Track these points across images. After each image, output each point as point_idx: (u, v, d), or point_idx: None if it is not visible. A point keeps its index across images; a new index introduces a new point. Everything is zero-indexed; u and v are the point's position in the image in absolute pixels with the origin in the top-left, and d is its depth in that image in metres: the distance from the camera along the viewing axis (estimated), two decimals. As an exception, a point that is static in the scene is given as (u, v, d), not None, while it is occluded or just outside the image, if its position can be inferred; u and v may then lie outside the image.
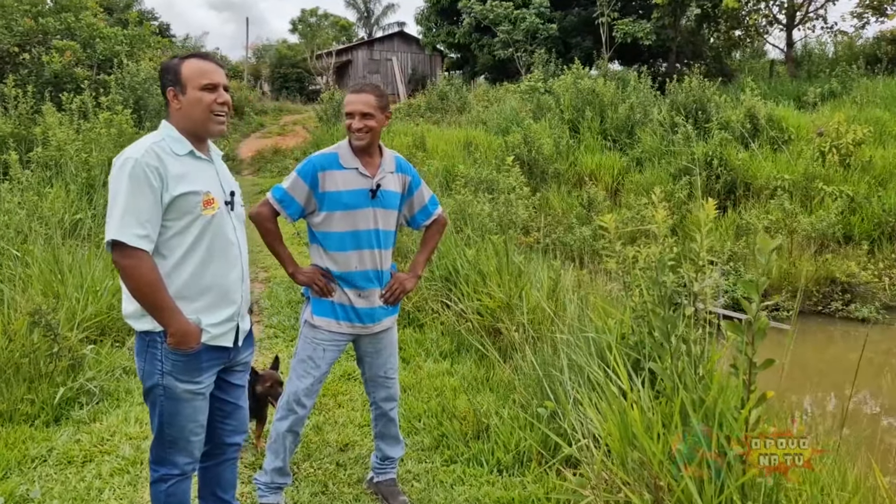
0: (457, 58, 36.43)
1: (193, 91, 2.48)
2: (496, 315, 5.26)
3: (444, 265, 6.05)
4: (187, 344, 2.43)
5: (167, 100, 2.54)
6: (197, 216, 2.44)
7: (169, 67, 2.54)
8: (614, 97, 16.37)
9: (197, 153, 2.53)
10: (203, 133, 2.55)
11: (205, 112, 2.49)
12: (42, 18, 18.01)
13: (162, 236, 2.41)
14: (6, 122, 13.26)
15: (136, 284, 2.35)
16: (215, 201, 2.50)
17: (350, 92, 3.07)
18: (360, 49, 40.32)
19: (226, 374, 2.70)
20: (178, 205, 2.40)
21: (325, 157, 3.06)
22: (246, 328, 2.71)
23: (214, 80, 2.51)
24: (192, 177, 2.46)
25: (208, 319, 2.50)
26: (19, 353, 4.31)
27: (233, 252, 2.57)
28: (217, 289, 2.51)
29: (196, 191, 2.44)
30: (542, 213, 10.92)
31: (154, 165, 2.35)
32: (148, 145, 2.40)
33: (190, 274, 2.45)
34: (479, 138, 15.30)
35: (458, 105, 22.08)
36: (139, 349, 2.51)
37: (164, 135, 2.50)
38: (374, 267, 3.09)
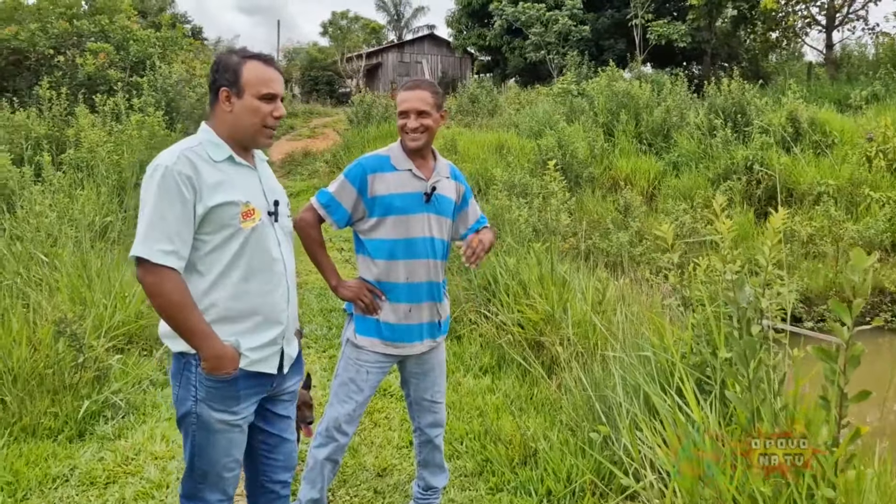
0: (487, 60, 36.23)
1: (251, 98, 2.25)
2: (539, 328, 4.99)
3: (482, 274, 5.79)
4: (222, 369, 2.19)
5: (215, 98, 2.29)
6: (236, 229, 2.20)
7: (228, 65, 2.27)
8: (650, 100, 16.02)
9: (237, 159, 2.29)
10: (249, 144, 2.33)
11: (258, 124, 2.27)
12: (77, 21, 18.11)
13: (198, 251, 2.20)
14: (40, 123, 13.27)
15: (162, 304, 2.13)
16: (256, 212, 2.26)
17: (404, 89, 2.82)
18: (391, 52, 40.30)
19: (270, 403, 2.45)
20: (214, 217, 2.17)
21: (375, 159, 2.83)
22: (293, 354, 2.46)
23: (276, 91, 2.29)
24: (230, 185, 2.22)
25: (248, 342, 2.26)
26: (43, 364, 4.14)
27: (277, 269, 2.32)
28: (258, 309, 2.27)
29: (233, 201, 2.20)
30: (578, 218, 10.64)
31: (186, 174, 2.13)
32: (181, 151, 2.18)
33: (229, 293, 2.22)
34: (511, 141, 15.03)
35: (490, 108, 21.82)
36: (174, 371, 2.29)
37: (201, 139, 2.27)
38: (426, 279, 2.83)
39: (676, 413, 3.00)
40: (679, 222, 10.21)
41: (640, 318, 4.88)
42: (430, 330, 2.91)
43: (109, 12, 19.15)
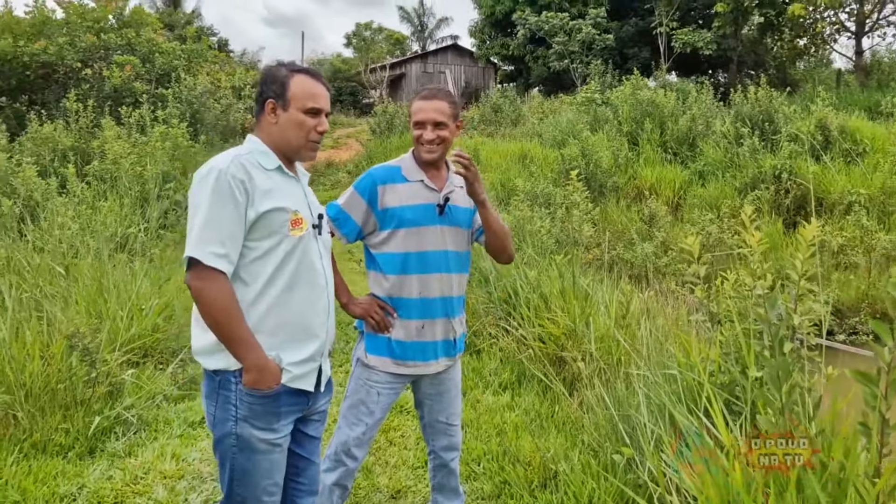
0: (511, 70, 36.16)
1: (297, 112, 2.25)
2: (560, 342, 4.85)
3: (503, 287, 5.66)
4: (266, 383, 2.13)
5: (261, 110, 2.29)
6: (284, 236, 2.19)
7: (275, 77, 2.27)
8: (675, 108, 15.81)
9: (285, 170, 2.28)
10: (293, 157, 2.32)
11: (303, 137, 2.27)
12: (104, 35, 18.32)
13: (244, 258, 2.16)
14: (67, 135, 13.41)
15: (210, 310, 2.07)
16: (304, 222, 2.25)
17: (419, 98, 2.71)
18: (414, 62, 40.37)
19: (302, 424, 2.37)
20: (265, 222, 2.15)
21: (385, 170, 2.73)
22: (328, 371, 2.41)
23: (321, 106, 2.29)
24: (281, 193, 2.21)
25: (290, 357, 2.20)
26: (56, 379, 4.08)
27: (319, 281, 2.29)
28: (301, 322, 2.23)
29: (284, 207, 2.19)
30: (602, 229, 10.48)
31: (240, 178, 2.11)
32: (234, 156, 2.17)
33: (272, 303, 2.18)
34: (534, 151, 14.90)
35: (513, 117, 21.71)
36: (208, 391, 2.20)
37: (250, 148, 2.26)
38: (440, 294, 2.71)
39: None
40: (705, 233, 10.02)
41: (665, 333, 4.73)
42: (445, 348, 2.78)
43: (136, 26, 19.37)
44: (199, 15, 41.80)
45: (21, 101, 16.04)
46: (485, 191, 2.72)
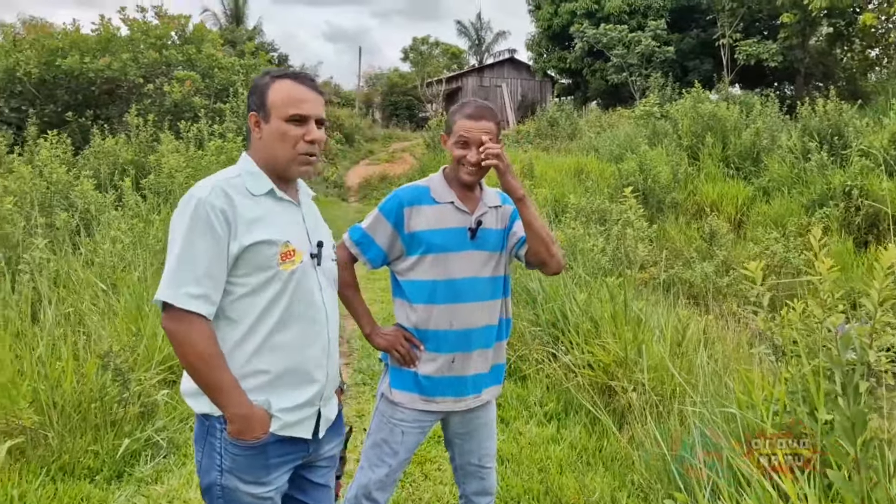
0: (568, 83, 35.85)
1: (278, 121, 2.00)
2: (610, 371, 4.57)
3: (550, 309, 5.40)
4: (250, 433, 1.92)
5: (248, 126, 2.09)
6: (273, 272, 1.96)
7: (256, 87, 2.05)
8: (738, 122, 15.28)
9: (278, 193, 2.04)
10: (283, 174, 2.06)
11: (288, 150, 2.01)
12: (166, 51, 18.74)
13: (230, 296, 1.95)
14: (128, 149, 13.67)
15: (186, 355, 1.88)
16: (296, 253, 2.00)
17: (465, 116, 2.45)
18: (470, 76, 40.36)
19: (306, 470, 2.16)
20: (250, 257, 1.93)
21: (413, 190, 2.53)
22: (331, 416, 2.16)
23: (305, 112, 2.01)
24: (269, 222, 1.98)
25: (280, 402, 1.98)
26: (88, 398, 4.00)
27: (317, 318, 2.05)
28: (295, 364, 2.00)
29: (272, 240, 1.95)
30: (658, 247, 10.10)
31: (220, 207, 1.89)
32: (216, 182, 1.96)
33: (260, 344, 1.96)
34: (590, 165, 14.58)
35: (569, 131, 21.40)
36: (197, 435, 2.02)
37: (241, 169, 2.04)
38: (472, 324, 2.48)
39: (766, 486, 2.56)
40: (769, 252, 9.55)
41: (724, 363, 4.40)
42: (478, 383, 2.56)
43: (197, 42, 19.78)
44: (261, 31, 42.65)
45: (86, 116, 16.48)
46: (521, 184, 2.45)
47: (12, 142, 13.94)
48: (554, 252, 2.51)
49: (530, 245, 2.50)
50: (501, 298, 2.59)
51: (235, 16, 42.35)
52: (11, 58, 16.95)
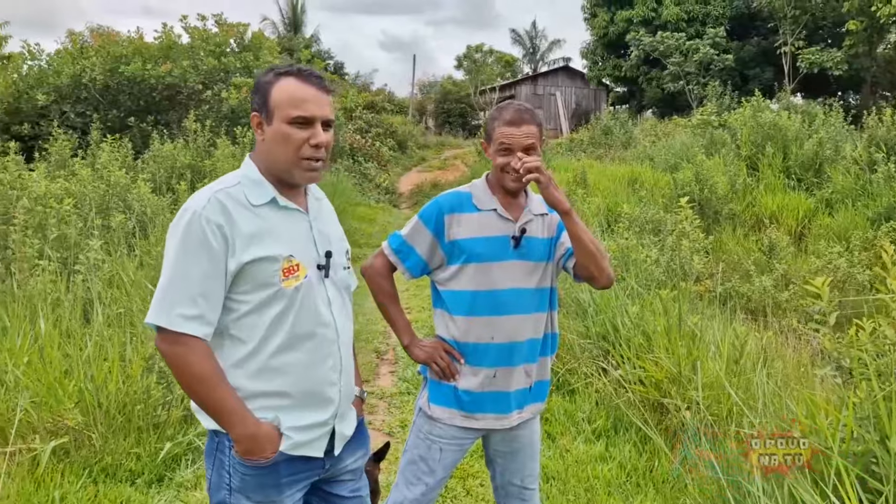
0: (623, 91, 35.45)
1: (280, 124, 1.85)
2: (662, 388, 4.38)
3: (601, 321, 5.23)
4: (259, 452, 1.82)
5: (252, 127, 1.93)
6: (276, 289, 1.84)
7: (259, 85, 1.90)
8: (800, 132, 14.79)
9: (282, 202, 1.91)
10: (287, 179, 1.92)
11: (290, 154, 1.86)
12: (224, 58, 19.11)
13: (233, 313, 1.84)
14: (185, 153, 13.95)
15: (183, 378, 1.79)
16: (300, 268, 1.88)
17: (505, 123, 2.31)
18: (524, 84, 40.24)
19: (328, 485, 2.06)
20: (250, 274, 1.82)
21: (454, 197, 2.42)
22: (347, 432, 2.04)
23: (310, 113, 1.85)
24: (270, 235, 1.85)
25: (291, 421, 1.88)
26: (132, 400, 4.00)
27: (326, 335, 1.92)
28: (304, 385, 1.89)
29: (272, 255, 1.83)
30: (715, 259, 9.80)
31: (216, 222, 1.78)
32: (213, 192, 1.84)
33: (263, 365, 1.84)
34: (644, 175, 14.29)
35: (623, 140, 21.09)
36: (208, 451, 1.93)
37: (241, 175, 1.91)
38: (515, 338, 2.36)
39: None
40: (832, 266, 9.17)
41: (784, 382, 4.19)
42: (521, 399, 2.43)
43: (255, 49, 20.12)
44: (318, 39, 43.27)
45: (147, 121, 16.87)
46: (566, 197, 2.30)
47: (77, 145, 14.35)
48: (603, 266, 2.35)
49: (578, 259, 2.36)
50: (547, 311, 2.47)
51: (293, 24, 43.06)
52: (78, 65, 17.49)
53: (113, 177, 10.00)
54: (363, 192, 18.09)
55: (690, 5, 29.20)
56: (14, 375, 3.91)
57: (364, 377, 5.56)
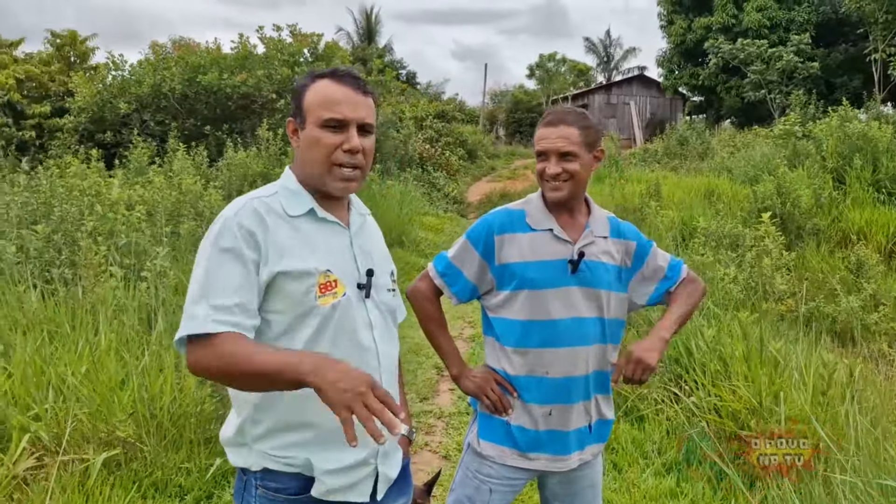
0: (700, 101, 34.52)
1: (312, 127, 1.70)
2: (740, 418, 4.06)
3: (673, 344, 4.92)
4: (355, 387, 1.41)
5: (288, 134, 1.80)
6: (310, 307, 1.65)
7: (295, 90, 1.79)
8: (891, 143, 13.98)
9: (320, 213, 1.75)
10: (322, 189, 1.75)
11: (322, 160, 1.70)
12: (297, 67, 19.41)
13: (264, 335, 1.65)
14: (258, 162, 14.17)
15: (236, 372, 1.53)
16: (339, 284, 1.69)
17: (543, 124, 2.15)
18: (597, 93, 39.68)
19: None
20: (283, 288, 1.64)
21: (506, 215, 2.20)
22: (391, 474, 1.83)
23: (342, 115, 1.69)
24: (307, 247, 1.68)
25: (325, 463, 1.67)
26: (185, 413, 3.94)
27: (366, 361, 1.72)
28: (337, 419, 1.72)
29: (307, 269, 1.65)
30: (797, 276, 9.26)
31: (248, 228, 1.62)
32: (248, 200, 1.70)
33: (293, 396, 1.61)
34: (722, 187, 13.75)
35: (700, 150, 20.44)
36: (236, 490, 1.77)
37: (279, 186, 1.76)
38: (574, 372, 2.13)
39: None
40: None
41: (877, 417, 3.81)
42: (581, 439, 2.19)
43: (328, 59, 20.39)
44: (391, 49, 43.69)
45: (222, 130, 17.24)
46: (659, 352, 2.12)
47: (155, 153, 14.75)
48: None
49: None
50: (610, 344, 2.23)
51: (367, 35, 43.66)
52: (159, 75, 18.04)
53: (184, 184, 10.16)
54: (431, 201, 18.03)
55: (773, 11, 28.20)
56: (72, 384, 3.90)
57: (423, 394, 5.45)
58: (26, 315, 4.83)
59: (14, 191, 8.81)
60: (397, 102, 21.98)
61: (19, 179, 9.93)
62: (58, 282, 5.63)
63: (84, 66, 23.82)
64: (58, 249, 6.31)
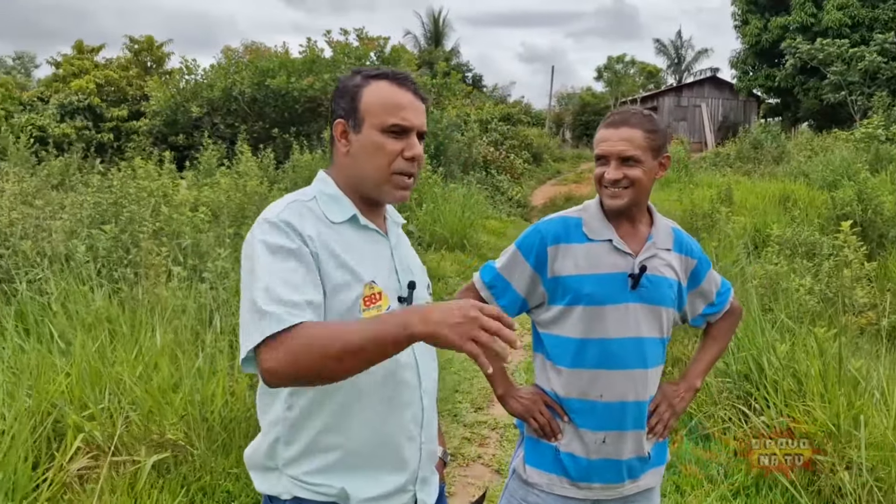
0: (775, 103, 33.38)
1: (372, 131, 1.59)
2: (816, 442, 3.79)
3: (743, 359, 4.65)
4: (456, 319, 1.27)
5: (332, 136, 1.67)
6: (353, 319, 1.52)
7: (346, 88, 1.64)
8: (985, 147, 13.18)
9: (363, 220, 1.64)
10: (375, 196, 1.66)
11: (382, 168, 1.60)
12: (365, 72, 19.57)
13: None
14: (323, 163, 14.32)
15: (322, 357, 1.34)
16: (383, 297, 1.58)
17: (605, 125, 1.99)
18: (667, 95, 38.81)
19: None
20: (327, 299, 1.52)
21: (560, 224, 2.02)
22: (430, 501, 1.71)
23: (408, 122, 1.60)
24: (351, 258, 1.57)
25: (362, 491, 1.57)
26: (235, 417, 3.91)
27: (406, 380, 1.62)
28: (376, 439, 1.58)
29: (353, 279, 1.55)
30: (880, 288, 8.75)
31: (298, 229, 1.51)
32: (289, 202, 1.59)
33: (334, 412, 1.54)
34: (798, 192, 13.16)
35: (775, 154, 19.69)
36: None
37: (316, 191, 1.65)
38: (630, 397, 1.96)
39: None
40: None
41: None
42: (635, 468, 2.02)
43: (394, 62, 20.49)
44: (458, 52, 43.76)
45: (290, 132, 17.50)
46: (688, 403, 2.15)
47: (224, 155, 15.06)
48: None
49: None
50: (663, 365, 2.06)
51: (435, 38, 43.84)
52: (229, 79, 18.45)
53: (249, 186, 10.30)
54: (494, 204, 17.88)
55: (856, 9, 27.01)
56: (127, 384, 3.92)
57: (477, 404, 5.31)
58: (90, 315, 4.91)
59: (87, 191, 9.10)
60: (462, 105, 21.89)
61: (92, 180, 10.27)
62: (122, 282, 5.72)
63: (159, 71, 24.61)
64: (125, 249, 6.43)
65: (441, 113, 18.00)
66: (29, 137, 16.24)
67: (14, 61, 42.11)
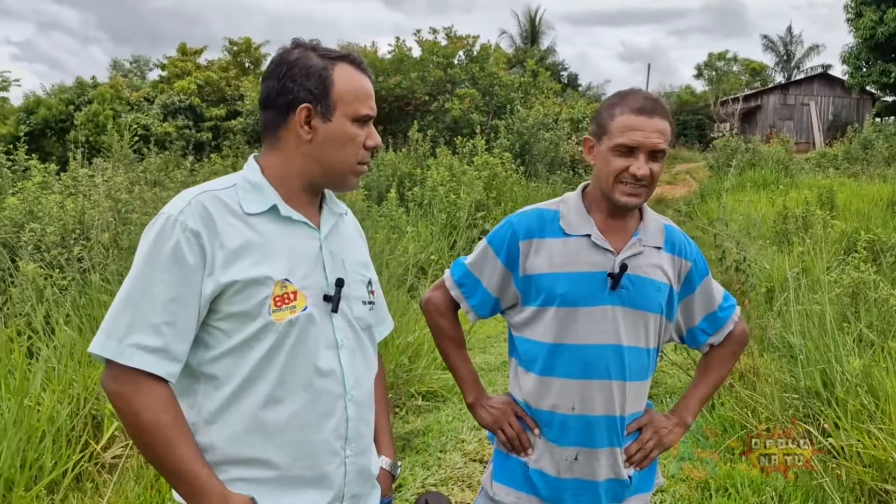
0: (892, 101, 31.17)
1: (344, 121, 1.47)
2: (887, 469, 3.41)
3: (810, 374, 4.25)
4: None
5: (283, 120, 1.48)
6: (264, 322, 1.40)
7: (309, 70, 1.47)
8: None
9: (284, 211, 1.48)
10: (333, 187, 1.57)
11: (350, 158, 1.50)
12: (451, 69, 19.59)
13: (210, 350, 1.42)
14: (407, 162, 14.37)
15: (134, 428, 1.36)
16: (299, 296, 1.44)
17: (632, 111, 1.68)
18: (772, 93, 37.00)
19: None
20: (231, 300, 1.40)
21: (536, 216, 1.82)
22: None
23: (374, 110, 1.54)
24: (262, 252, 1.43)
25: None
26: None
27: (327, 388, 1.47)
28: (293, 451, 1.44)
29: (260, 277, 1.40)
30: None
31: (193, 230, 1.38)
32: (198, 193, 1.44)
33: (248, 419, 1.42)
34: (910, 196, 12.22)
35: (886, 155, 18.38)
36: None
37: (239, 178, 1.51)
38: (606, 411, 1.75)
39: None
40: None
41: None
42: (611, 491, 1.80)
43: (482, 60, 20.40)
44: (554, 51, 43.15)
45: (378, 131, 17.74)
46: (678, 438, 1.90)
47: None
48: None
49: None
50: (648, 380, 1.83)
51: (531, 37, 43.40)
52: (321, 80, 18.86)
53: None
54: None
55: (983, -1, 24.94)
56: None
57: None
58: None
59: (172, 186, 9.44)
60: (553, 104, 21.53)
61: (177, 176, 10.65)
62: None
63: (257, 72, 25.38)
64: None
65: (528, 112, 17.74)
66: (133, 136, 17.08)
67: (131, 64, 44.59)
